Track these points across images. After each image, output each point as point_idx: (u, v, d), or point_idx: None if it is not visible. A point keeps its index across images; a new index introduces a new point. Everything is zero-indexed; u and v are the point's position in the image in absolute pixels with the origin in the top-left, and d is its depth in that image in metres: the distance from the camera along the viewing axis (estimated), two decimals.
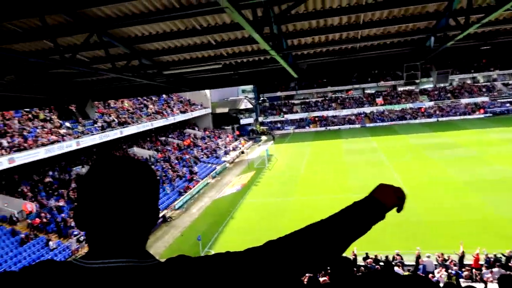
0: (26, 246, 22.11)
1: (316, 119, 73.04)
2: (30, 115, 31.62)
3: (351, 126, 68.62)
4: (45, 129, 30.71)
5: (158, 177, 1.07)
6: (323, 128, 69.67)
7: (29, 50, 7.77)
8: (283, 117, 75.56)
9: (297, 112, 76.08)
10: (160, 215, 29.30)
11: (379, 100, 72.87)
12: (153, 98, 50.53)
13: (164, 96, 52.49)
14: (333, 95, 77.60)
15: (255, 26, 5.34)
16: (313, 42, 8.45)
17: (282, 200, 30.60)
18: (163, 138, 49.24)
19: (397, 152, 42.20)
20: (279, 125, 73.95)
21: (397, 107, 70.47)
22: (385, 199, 1.25)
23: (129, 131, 39.81)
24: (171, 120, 49.48)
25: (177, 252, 1.37)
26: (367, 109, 72.21)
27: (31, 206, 25.11)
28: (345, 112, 72.71)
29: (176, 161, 42.32)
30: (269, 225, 25.23)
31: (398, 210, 1.29)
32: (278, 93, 79.34)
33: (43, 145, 28.36)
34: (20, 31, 6.49)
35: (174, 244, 24.01)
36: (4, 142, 26.30)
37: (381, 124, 67.27)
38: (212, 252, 22.26)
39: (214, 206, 31.42)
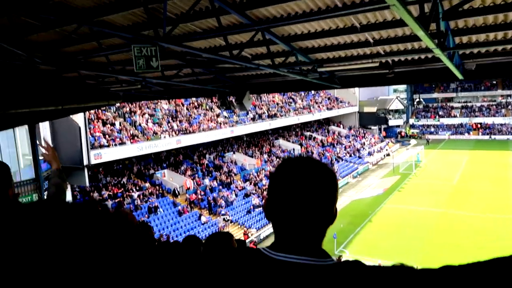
0: (183, 217, 25.43)
1: (479, 125, 64.29)
2: (196, 103, 35.96)
3: None
4: (207, 117, 34.54)
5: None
6: (486, 137, 61.07)
7: (204, 47, 8.89)
8: (438, 120, 68.79)
9: (455, 116, 68.31)
10: None
11: None
12: (302, 94, 51.84)
13: (312, 92, 53.33)
14: (503, 100, 66.90)
15: (420, 23, 5.05)
16: (486, 40, 7.50)
17: (428, 210, 28.15)
18: (308, 133, 50.21)
19: None
20: (432, 129, 67.66)
21: None
22: None
23: (277, 123, 41.86)
24: (317, 116, 50.09)
25: None
26: None
27: (190, 183, 28.72)
28: None
29: (319, 157, 42.73)
30: (410, 235, 23.57)
31: None
32: (435, 95, 72.39)
33: (204, 130, 31.99)
34: (199, 31, 7.49)
35: None
36: (175, 126, 30.57)
37: None
38: (347, 252, 21.94)
39: (352, 206, 30.77)
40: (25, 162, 18.16)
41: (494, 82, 66.51)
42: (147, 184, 27.46)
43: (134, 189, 26.07)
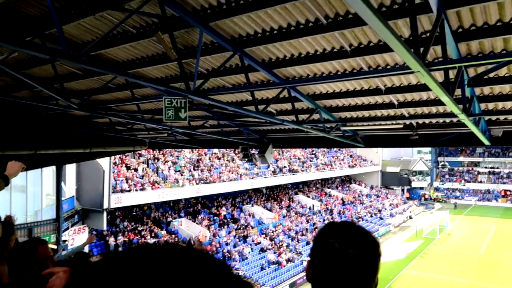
0: None
1: (508, 193, 61.94)
2: (218, 154, 36.40)
3: None
4: (228, 167, 34.76)
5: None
6: None
7: (231, 101, 9.23)
8: (464, 185, 66.75)
9: (482, 182, 66.22)
10: None
11: None
12: (324, 150, 51.86)
13: (334, 149, 53.30)
14: None
15: (445, 88, 5.13)
16: None
17: (452, 280, 26.55)
18: (328, 190, 49.52)
19: None
20: (457, 193, 65.53)
21: None
22: None
23: (297, 178, 41.66)
24: (338, 172, 49.65)
25: None
26: None
27: (204, 234, 28.33)
28: None
29: (338, 215, 41.77)
30: None
31: None
32: (460, 158, 70.94)
33: (224, 181, 32.06)
34: (228, 86, 7.81)
35: None
36: (195, 174, 30.82)
37: None
38: None
39: None
40: (48, 201, 18.51)
41: None
42: (163, 232, 27.26)
43: (149, 236, 25.89)
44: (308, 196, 44.89)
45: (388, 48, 4.10)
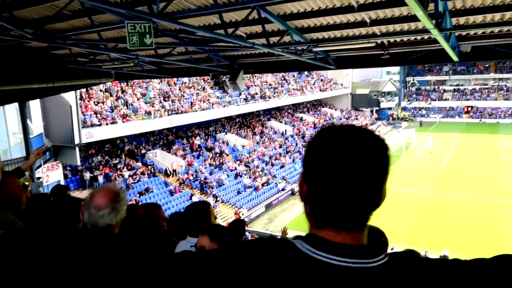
0: (175, 196, 25.53)
1: (470, 109, 64.79)
2: (188, 83, 35.61)
3: None
4: (199, 97, 34.28)
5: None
6: (476, 120, 61.64)
7: (198, 25, 8.74)
8: (430, 103, 69.13)
9: (447, 99, 68.69)
10: (289, 188, 30.43)
11: None
12: (295, 75, 51.57)
13: (305, 73, 53.07)
14: (495, 84, 67.23)
15: (419, 2, 5.01)
16: (483, 22, 7.48)
17: (417, 192, 28.57)
18: (300, 115, 50.20)
19: None
20: (423, 112, 68.04)
21: None
22: None
23: (270, 104, 41.82)
24: (309, 97, 50.04)
25: (302, 225, 1.26)
26: None
27: (177, 164, 28.71)
28: (508, 103, 62.57)
29: (310, 138, 42.90)
30: (398, 216, 23.97)
31: None
32: (428, 77, 72.43)
33: (196, 110, 31.81)
34: (194, 7, 7.34)
35: (300, 217, 24.74)
36: (167, 105, 30.32)
37: None
38: None
39: None
40: (16, 140, 17.95)
41: (487, 65, 66.69)
42: (139, 164, 27.40)
43: (126, 169, 26.01)
44: (281, 122, 45.50)
45: None
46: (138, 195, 23.76)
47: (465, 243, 18.70)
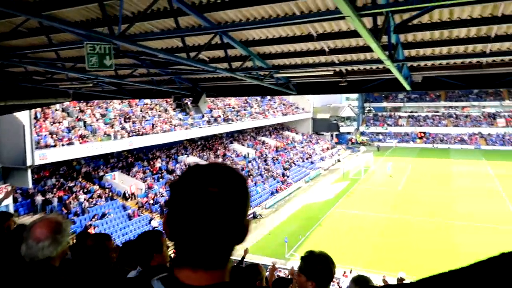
0: (134, 220, 24.68)
1: (423, 135, 68.19)
2: (150, 105, 35.13)
3: (463, 146, 62.59)
4: (161, 118, 33.84)
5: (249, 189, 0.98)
6: (429, 145, 64.80)
7: (160, 48, 8.73)
8: (386, 129, 72.14)
9: (402, 125, 72.00)
10: (251, 211, 30.29)
11: (501, 121, 65.17)
12: (258, 99, 52.27)
13: (268, 97, 53.95)
14: (446, 111, 71.54)
15: (373, 35, 5.30)
16: (433, 54, 7.99)
17: (374, 215, 29.32)
18: (262, 138, 50.65)
19: None
20: (380, 137, 70.77)
21: None
22: None
23: (232, 127, 41.94)
24: (272, 120, 50.74)
25: (264, 249, 1.25)
26: (484, 130, 65.17)
27: (136, 187, 27.92)
28: (457, 130, 66.66)
29: (272, 162, 43.22)
30: (357, 239, 24.44)
31: None
32: (384, 104, 76.00)
33: (157, 133, 31.32)
34: (156, 31, 7.35)
35: (261, 242, 24.59)
36: (127, 126, 29.66)
37: (500, 148, 60.05)
38: (297, 255, 22.30)
39: (303, 211, 31.43)
40: None
41: (438, 94, 71.03)
42: (96, 187, 26.37)
43: (82, 192, 24.94)
44: (243, 145, 45.66)
45: None
46: (93, 219, 22.76)
47: (421, 264, 19.24)
